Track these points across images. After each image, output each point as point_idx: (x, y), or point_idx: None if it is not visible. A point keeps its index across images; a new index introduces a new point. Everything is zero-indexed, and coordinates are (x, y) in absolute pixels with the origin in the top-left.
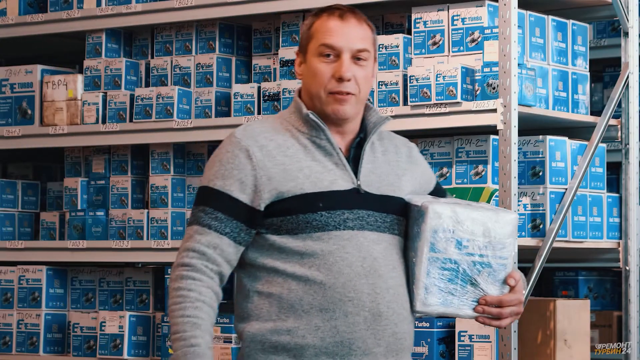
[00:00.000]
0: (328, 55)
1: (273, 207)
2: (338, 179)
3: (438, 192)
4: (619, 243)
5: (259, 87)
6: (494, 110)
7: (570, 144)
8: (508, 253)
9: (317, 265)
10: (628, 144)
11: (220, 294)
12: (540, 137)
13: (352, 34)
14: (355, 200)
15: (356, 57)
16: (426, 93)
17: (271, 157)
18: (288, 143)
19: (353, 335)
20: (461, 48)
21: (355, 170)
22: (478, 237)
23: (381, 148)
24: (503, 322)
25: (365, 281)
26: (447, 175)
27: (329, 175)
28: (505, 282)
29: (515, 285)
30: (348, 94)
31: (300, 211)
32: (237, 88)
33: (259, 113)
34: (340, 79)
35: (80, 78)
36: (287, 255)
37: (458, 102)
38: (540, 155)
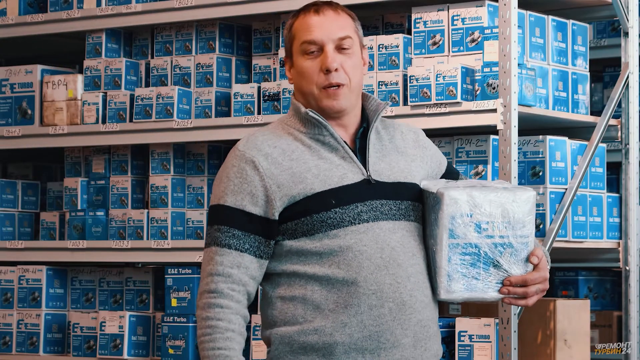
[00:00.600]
0: (312, 52)
1: (287, 212)
2: (347, 173)
3: (451, 174)
4: (619, 243)
5: (259, 87)
6: (494, 110)
7: (570, 144)
8: (528, 231)
9: (336, 263)
10: (628, 144)
11: (247, 316)
12: (540, 137)
13: (331, 25)
14: (367, 192)
15: (340, 47)
16: (426, 93)
17: (277, 163)
18: (292, 146)
19: (380, 327)
20: (461, 48)
21: (364, 161)
22: (497, 218)
23: (387, 136)
24: (529, 300)
25: (386, 272)
26: None
27: (337, 171)
28: (528, 260)
29: (538, 262)
30: (339, 85)
31: (314, 211)
32: (237, 88)
33: (259, 113)
34: (328, 71)
35: (80, 78)
36: (306, 258)
37: (458, 102)
38: (540, 155)
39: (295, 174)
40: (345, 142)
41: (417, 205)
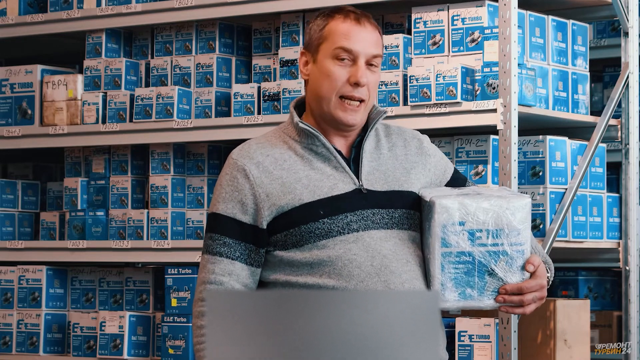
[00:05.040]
0: (344, 59)
1: (276, 223)
2: (338, 183)
3: (457, 181)
4: (619, 243)
5: (259, 87)
6: (494, 110)
7: (570, 144)
8: (524, 239)
9: (327, 273)
10: (628, 144)
11: None
12: (540, 137)
13: (368, 39)
14: (358, 201)
15: (370, 63)
16: (426, 93)
17: (268, 172)
18: (285, 156)
19: None
20: (461, 48)
21: (358, 170)
22: (490, 226)
23: (388, 144)
24: (526, 308)
25: (378, 279)
26: None
27: (328, 181)
28: (524, 268)
29: (534, 270)
30: (360, 101)
31: (302, 222)
32: (237, 88)
33: (259, 113)
34: (357, 84)
35: (80, 78)
36: (297, 269)
37: (458, 102)
38: (540, 155)
39: (285, 184)
40: (339, 151)
41: (413, 214)
